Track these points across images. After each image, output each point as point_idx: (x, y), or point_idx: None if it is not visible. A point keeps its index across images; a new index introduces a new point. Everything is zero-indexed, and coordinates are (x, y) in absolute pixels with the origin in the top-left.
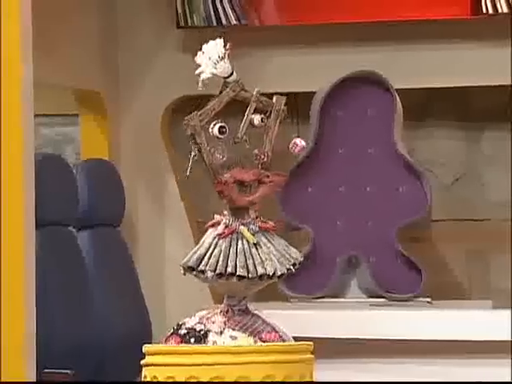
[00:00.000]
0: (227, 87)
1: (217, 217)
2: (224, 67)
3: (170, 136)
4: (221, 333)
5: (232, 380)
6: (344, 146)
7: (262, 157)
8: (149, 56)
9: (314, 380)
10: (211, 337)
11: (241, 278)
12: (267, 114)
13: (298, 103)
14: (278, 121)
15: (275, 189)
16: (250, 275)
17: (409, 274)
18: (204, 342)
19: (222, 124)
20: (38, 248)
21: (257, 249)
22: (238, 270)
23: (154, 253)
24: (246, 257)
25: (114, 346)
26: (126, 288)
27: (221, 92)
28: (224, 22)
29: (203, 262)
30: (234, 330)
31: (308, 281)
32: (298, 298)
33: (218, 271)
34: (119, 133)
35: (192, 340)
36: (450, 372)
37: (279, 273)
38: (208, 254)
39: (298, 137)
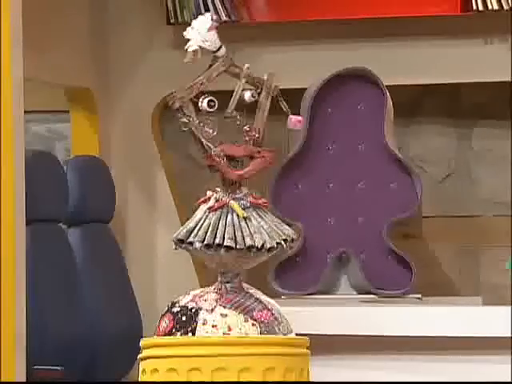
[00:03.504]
0: (217, 62)
1: (209, 192)
2: (211, 40)
3: (161, 133)
4: (212, 310)
5: (235, 371)
6: (334, 143)
7: (254, 133)
8: (139, 52)
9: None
10: (202, 315)
11: (229, 249)
12: (258, 91)
13: (288, 99)
14: (270, 97)
15: (266, 164)
16: (237, 246)
17: (399, 270)
18: (195, 320)
19: (211, 98)
20: (28, 244)
21: (246, 222)
22: (225, 240)
23: (145, 249)
24: (234, 229)
25: (104, 341)
26: (116, 284)
27: (210, 66)
28: (214, 18)
29: (192, 234)
30: (224, 307)
31: (299, 278)
32: (289, 294)
33: (205, 242)
34: (110, 129)
35: (183, 318)
36: (440, 368)
37: (268, 245)
38: (197, 227)
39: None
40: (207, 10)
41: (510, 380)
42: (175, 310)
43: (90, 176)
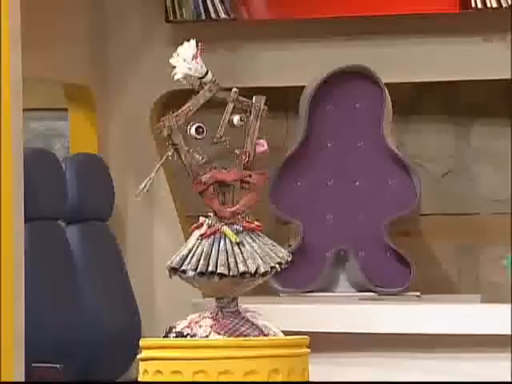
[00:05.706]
0: (204, 88)
1: (201, 218)
2: (196, 67)
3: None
4: (206, 337)
5: (240, 374)
6: (333, 140)
7: (244, 157)
8: (138, 50)
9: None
10: None
11: (222, 276)
12: (247, 114)
13: (287, 97)
14: (259, 120)
15: (259, 198)
16: (231, 273)
17: (398, 268)
18: None
19: (199, 124)
20: (27, 242)
21: (239, 248)
22: (218, 268)
23: (143, 247)
24: (227, 255)
25: (102, 340)
26: (115, 282)
27: (197, 92)
28: (213, 15)
29: (185, 262)
30: (219, 333)
31: (298, 275)
32: (287, 292)
33: (198, 270)
34: (108, 127)
35: None
36: (439, 366)
37: (262, 270)
38: (190, 254)
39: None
40: (205, 8)
41: (509, 379)
42: (171, 336)
43: (89, 174)
